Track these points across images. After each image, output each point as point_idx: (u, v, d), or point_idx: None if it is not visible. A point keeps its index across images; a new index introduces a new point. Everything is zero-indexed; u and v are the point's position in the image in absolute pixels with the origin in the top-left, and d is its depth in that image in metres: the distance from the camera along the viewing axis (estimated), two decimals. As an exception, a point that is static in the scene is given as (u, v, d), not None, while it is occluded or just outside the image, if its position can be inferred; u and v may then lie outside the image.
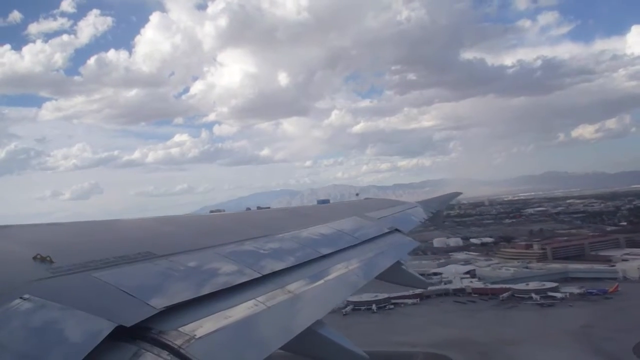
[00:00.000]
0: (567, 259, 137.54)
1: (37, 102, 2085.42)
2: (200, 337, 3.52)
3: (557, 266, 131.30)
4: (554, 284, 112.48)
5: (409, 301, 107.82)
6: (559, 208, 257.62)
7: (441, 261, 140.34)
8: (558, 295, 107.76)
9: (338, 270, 6.50)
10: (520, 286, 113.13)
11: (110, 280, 3.87)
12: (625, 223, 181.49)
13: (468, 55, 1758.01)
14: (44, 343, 2.94)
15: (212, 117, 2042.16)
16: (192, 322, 3.68)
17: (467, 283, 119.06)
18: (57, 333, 3.11)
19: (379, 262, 8.07)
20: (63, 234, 5.43)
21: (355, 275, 6.69)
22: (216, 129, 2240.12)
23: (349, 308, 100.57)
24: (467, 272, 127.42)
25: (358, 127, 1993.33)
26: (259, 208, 14.32)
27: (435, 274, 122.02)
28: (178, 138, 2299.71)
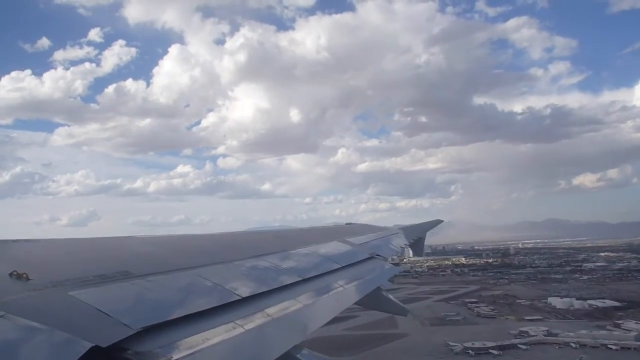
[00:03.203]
0: None
1: (50, 127, 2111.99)
2: (177, 359, 3.55)
3: None
4: None
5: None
6: (620, 264, 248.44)
7: (613, 332, 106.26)
8: None
9: (319, 294, 6.62)
10: None
11: (87, 299, 3.88)
12: None
13: (480, 100, 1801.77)
14: None
15: (221, 149, 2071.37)
16: (169, 343, 3.71)
17: None
18: (32, 352, 3.13)
19: (360, 287, 8.17)
20: (41, 251, 5.48)
21: (335, 300, 6.85)
22: (220, 162, 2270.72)
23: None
24: None
25: (363, 166, 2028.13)
26: None
27: None
28: (181, 169, 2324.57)
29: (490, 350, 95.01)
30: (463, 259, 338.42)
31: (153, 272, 4.98)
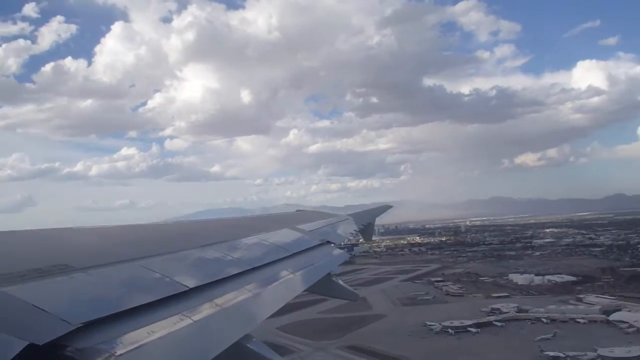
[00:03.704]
0: None
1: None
2: (120, 355, 3.40)
3: None
4: None
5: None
6: (567, 239, 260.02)
7: (579, 306, 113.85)
8: None
9: (268, 282, 6.52)
10: None
11: (21, 295, 3.67)
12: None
13: (429, 82, 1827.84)
14: None
15: (168, 131, 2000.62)
16: (112, 338, 3.55)
17: None
18: None
19: (310, 274, 8.12)
20: None
21: (285, 288, 6.78)
22: (167, 144, 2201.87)
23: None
24: None
25: (314, 147, 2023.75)
26: None
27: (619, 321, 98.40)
28: (126, 151, 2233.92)
29: (469, 329, 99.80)
30: (418, 237, 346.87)
31: (95, 264, 4.72)
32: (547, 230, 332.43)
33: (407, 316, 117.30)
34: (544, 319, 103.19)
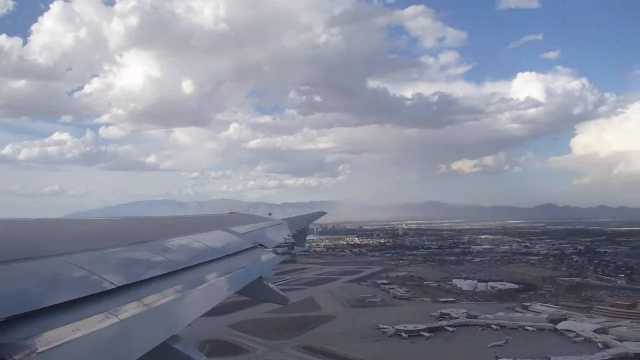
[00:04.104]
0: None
1: None
2: (42, 352, 3.32)
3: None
4: None
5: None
6: (504, 247, 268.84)
7: (526, 314, 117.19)
8: None
9: (199, 283, 6.51)
10: None
11: None
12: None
13: (373, 84, 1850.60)
14: None
15: (105, 118, 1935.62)
16: (34, 335, 3.47)
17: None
18: None
19: (241, 276, 8.17)
20: None
21: (216, 289, 6.77)
22: (102, 131, 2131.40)
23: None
24: (595, 330, 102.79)
25: (254, 143, 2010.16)
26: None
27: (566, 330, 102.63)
28: (58, 136, 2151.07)
29: (422, 333, 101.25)
30: (356, 238, 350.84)
31: (17, 258, 4.61)
32: (483, 236, 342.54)
33: (358, 318, 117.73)
34: (493, 326, 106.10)
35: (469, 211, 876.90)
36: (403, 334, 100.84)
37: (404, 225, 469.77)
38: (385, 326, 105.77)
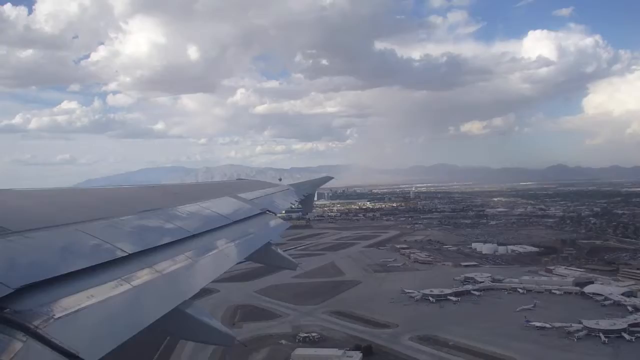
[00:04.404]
0: None
1: None
2: (59, 317, 3.47)
3: None
4: None
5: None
6: (519, 210, 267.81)
7: (552, 278, 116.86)
8: None
9: (208, 250, 6.67)
10: None
11: None
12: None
13: (381, 45, 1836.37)
14: None
15: (112, 86, 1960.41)
16: (51, 301, 3.60)
17: None
18: None
19: (250, 243, 8.33)
20: None
21: (224, 256, 6.92)
22: (110, 99, 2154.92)
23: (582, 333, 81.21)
24: (623, 294, 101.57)
25: (261, 108, 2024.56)
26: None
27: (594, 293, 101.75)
28: (67, 105, 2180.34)
29: (449, 297, 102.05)
30: (368, 203, 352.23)
31: (32, 227, 4.78)
32: (496, 199, 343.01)
33: (382, 283, 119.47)
34: (519, 289, 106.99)
35: (478, 173, 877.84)
36: (430, 298, 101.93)
37: (413, 189, 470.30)
38: (411, 291, 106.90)
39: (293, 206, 17.31)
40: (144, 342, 4.47)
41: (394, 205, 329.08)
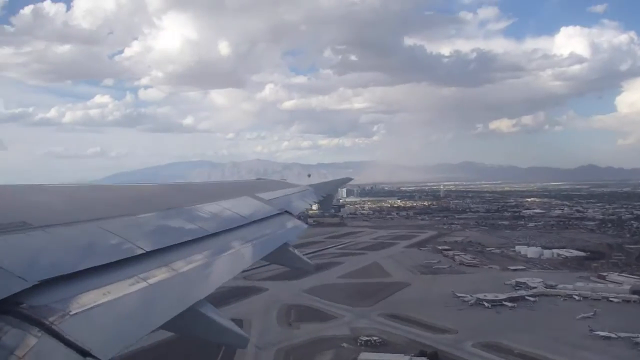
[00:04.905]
0: None
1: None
2: (75, 314, 3.47)
3: None
4: None
5: None
6: (556, 211, 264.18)
7: (607, 284, 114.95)
8: None
9: (225, 249, 6.65)
10: None
11: None
12: None
13: (410, 41, 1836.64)
14: None
15: (145, 81, 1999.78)
16: (68, 297, 3.60)
17: None
18: None
19: (267, 243, 8.28)
20: None
21: (241, 256, 6.89)
22: (142, 93, 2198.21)
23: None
24: None
25: (289, 103, 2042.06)
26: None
27: None
28: (100, 99, 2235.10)
29: (504, 302, 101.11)
30: (399, 201, 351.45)
31: (52, 223, 4.78)
32: (529, 199, 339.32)
33: (432, 285, 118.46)
34: (575, 296, 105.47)
35: (506, 172, 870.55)
36: (485, 303, 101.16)
37: (442, 187, 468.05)
38: (463, 295, 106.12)
39: (312, 207, 17.07)
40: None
41: (426, 204, 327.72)
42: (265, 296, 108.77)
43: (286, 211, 11.09)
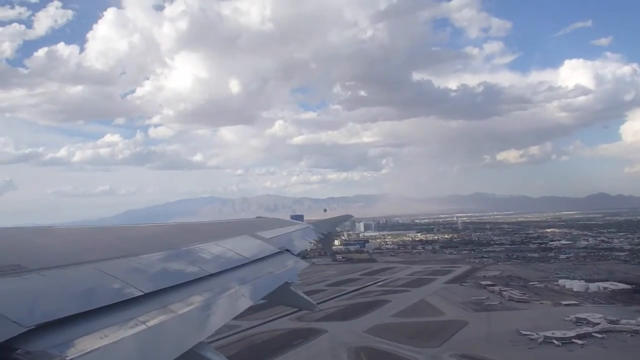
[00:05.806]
0: None
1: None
2: (72, 359, 3.40)
3: None
4: None
5: None
6: (583, 242, 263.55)
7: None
8: None
9: (224, 290, 6.57)
10: None
11: None
12: None
13: (418, 76, 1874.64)
14: None
15: (156, 119, 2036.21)
16: (64, 342, 3.53)
17: None
18: None
19: (268, 282, 8.21)
20: None
21: (242, 296, 6.78)
22: (152, 132, 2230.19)
23: None
24: None
25: (299, 139, 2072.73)
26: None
27: None
28: (110, 138, 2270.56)
29: (574, 340, 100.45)
30: (419, 234, 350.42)
31: (48, 266, 4.71)
32: (549, 230, 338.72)
33: (491, 323, 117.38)
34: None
35: (517, 202, 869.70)
36: (554, 341, 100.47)
37: (455, 219, 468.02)
38: (528, 332, 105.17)
39: (312, 245, 17.00)
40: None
41: (447, 237, 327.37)
42: (326, 338, 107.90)
43: (287, 250, 11.07)
